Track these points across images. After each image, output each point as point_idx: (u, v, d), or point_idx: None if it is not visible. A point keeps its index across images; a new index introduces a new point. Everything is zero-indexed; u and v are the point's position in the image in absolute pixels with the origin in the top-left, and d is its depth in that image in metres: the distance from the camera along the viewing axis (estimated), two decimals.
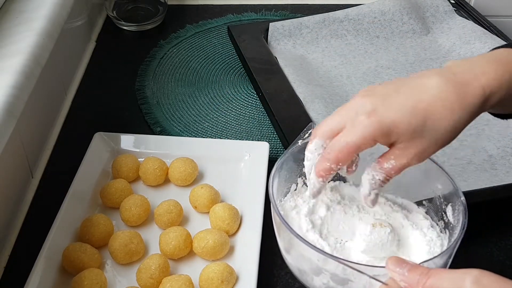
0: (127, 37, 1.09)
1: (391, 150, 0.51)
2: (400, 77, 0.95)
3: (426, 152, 0.51)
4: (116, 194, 0.72)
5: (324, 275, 0.52)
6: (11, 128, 0.62)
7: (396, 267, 0.45)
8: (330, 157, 0.51)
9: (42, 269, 0.63)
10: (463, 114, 0.50)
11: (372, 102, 0.50)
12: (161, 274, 0.63)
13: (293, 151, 0.60)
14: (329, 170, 0.52)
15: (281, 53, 0.98)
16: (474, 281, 0.40)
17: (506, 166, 0.79)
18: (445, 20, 1.05)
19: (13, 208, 0.72)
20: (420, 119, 0.49)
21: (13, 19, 0.74)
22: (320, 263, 0.52)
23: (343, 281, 0.51)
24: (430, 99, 0.50)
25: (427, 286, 0.43)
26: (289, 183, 0.62)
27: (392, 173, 0.52)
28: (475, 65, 0.53)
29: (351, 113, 0.51)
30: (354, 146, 0.50)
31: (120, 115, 0.90)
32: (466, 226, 0.53)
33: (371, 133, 0.50)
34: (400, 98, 0.50)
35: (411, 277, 0.44)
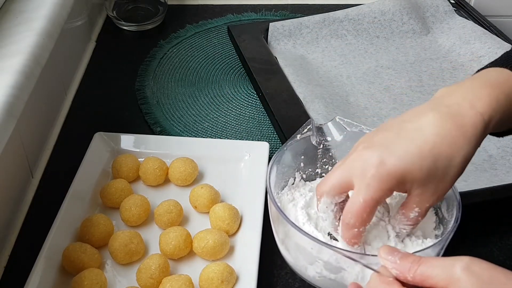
0: (127, 37, 1.09)
1: (411, 199, 0.51)
2: (401, 74, 0.95)
3: (444, 191, 0.51)
4: (116, 194, 0.72)
5: (318, 264, 0.53)
6: (11, 128, 0.62)
7: (388, 255, 0.45)
8: (354, 221, 0.50)
9: (42, 269, 0.62)
10: (469, 146, 0.50)
11: (376, 154, 0.50)
12: (161, 274, 0.63)
13: (292, 146, 0.61)
14: (358, 234, 0.51)
15: (281, 53, 0.98)
16: (464, 267, 0.41)
17: (506, 166, 0.79)
18: (445, 20, 1.05)
19: (13, 208, 0.72)
20: (430, 161, 0.49)
21: (13, 19, 0.74)
22: (314, 251, 0.52)
23: (337, 270, 0.52)
24: (434, 139, 0.49)
25: (418, 273, 0.43)
26: (287, 177, 0.62)
27: (420, 219, 0.52)
28: (466, 92, 0.52)
29: (356, 168, 0.50)
30: (374, 201, 0.49)
31: (120, 115, 0.90)
32: (460, 219, 0.53)
33: (386, 185, 0.49)
34: (403, 144, 0.50)
35: (403, 264, 0.44)
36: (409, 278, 0.43)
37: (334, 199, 0.53)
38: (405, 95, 0.92)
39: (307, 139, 0.62)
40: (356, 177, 0.50)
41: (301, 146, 0.61)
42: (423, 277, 0.43)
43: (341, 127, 0.62)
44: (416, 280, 0.43)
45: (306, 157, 0.62)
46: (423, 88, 0.93)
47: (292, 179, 0.62)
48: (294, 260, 0.56)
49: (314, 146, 0.62)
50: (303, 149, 0.62)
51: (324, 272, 0.53)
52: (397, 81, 0.95)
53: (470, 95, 0.52)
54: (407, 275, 0.44)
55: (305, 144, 0.62)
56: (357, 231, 0.51)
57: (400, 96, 0.92)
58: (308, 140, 0.62)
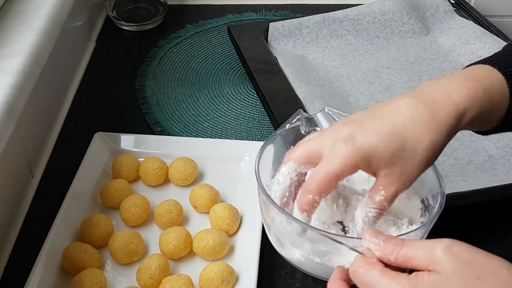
0: (127, 37, 1.09)
1: (378, 181, 0.52)
2: (401, 74, 0.95)
3: (410, 175, 0.51)
4: (116, 194, 0.72)
5: (304, 248, 0.53)
6: (11, 128, 0.62)
7: (372, 238, 0.46)
8: (311, 188, 0.51)
9: (42, 269, 0.62)
10: (440, 133, 0.51)
11: (349, 129, 0.51)
12: (161, 274, 0.63)
13: (281, 134, 0.61)
14: (313, 202, 0.52)
15: (281, 53, 0.98)
16: (445, 248, 0.42)
17: (506, 166, 0.79)
18: (445, 20, 1.05)
19: (13, 208, 0.72)
20: (398, 141, 0.50)
21: (13, 19, 0.74)
22: (300, 235, 0.52)
23: (323, 253, 0.52)
24: (405, 120, 0.50)
25: (400, 254, 0.44)
26: (276, 166, 0.62)
27: (385, 204, 0.52)
28: (446, 83, 0.53)
29: (327, 140, 0.51)
30: (335, 174, 0.50)
31: (120, 115, 0.90)
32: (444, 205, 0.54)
33: (351, 160, 0.50)
34: (375, 122, 0.51)
35: (386, 246, 0.45)
36: (392, 259, 0.45)
37: (299, 167, 0.54)
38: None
39: (296, 129, 0.62)
40: (326, 147, 0.51)
41: (290, 135, 0.62)
42: (406, 258, 0.44)
43: (330, 118, 0.63)
44: (399, 261, 0.44)
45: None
46: None
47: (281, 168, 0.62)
48: (281, 244, 0.56)
49: (303, 136, 0.62)
50: (292, 138, 0.62)
51: (311, 256, 0.53)
52: (397, 81, 0.95)
53: (449, 87, 0.52)
54: (390, 256, 0.45)
55: (294, 133, 0.62)
56: (311, 198, 0.51)
57: None
58: (297, 130, 0.62)
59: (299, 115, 0.62)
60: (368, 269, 0.45)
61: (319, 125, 0.63)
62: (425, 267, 0.43)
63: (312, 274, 0.56)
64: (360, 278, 0.45)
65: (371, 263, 0.45)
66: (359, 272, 0.46)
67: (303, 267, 0.56)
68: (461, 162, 0.79)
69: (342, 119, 0.62)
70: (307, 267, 0.56)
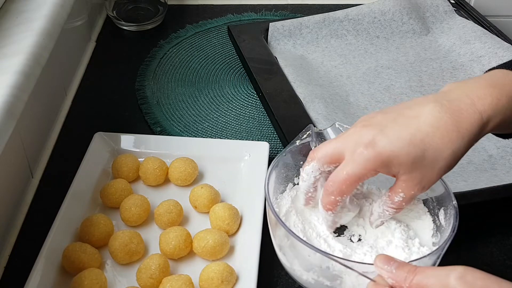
0: (127, 37, 1.09)
1: (398, 183, 0.52)
2: (401, 74, 0.96)
3: (429, 182, 0.51)
4: (116, 194, 0.72)
5: (314, 271, 0.53)
6: (11, 128, 0.62)
7: (384, 265, 0.46)
8: (333, 189, 0.52)
9: (42, 269, 0.62)
10: (462, 142, 0.51)
11: (371, 133, 0.51)
12: (161, 274, 0.63)
13: (291, 151, 0.61)
14: (335, 202, 0.53)
15: (281, 53, 0.98)
16: (458, 277, 0.42)
17: (506, 166, 0.79)
18: (445, 20, 1.05)
19: (13, 208, 0.72)
20: (419, 149, 0.50)
21: (13, 19, 0.74)
22: (311, 258, 0.52)
23: (333, 277, 0.52)
24: (427, 129, 0.50)
25: (413, 283, 0.44)
26: (286, 182, 0.62)
27: (403, 204, 0.53)
28: (470, 90, 0.53)
29: (350, 142, 0.52)
30: (356, 177, 0.51)
31: (120, 115, 0.90)
32: (457, 229, 0.53)
33: (372, 165, 0.50)
34: (397, 128, 0.51)
35: (399, 274, 0.45)
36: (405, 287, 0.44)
37: (322, 167, 0.54)
38: (405, 95, 0.92)
39: (307, 145, 0.62)
40: (347, 150, 0.52)
41: (300, 152, 0.62)
42: (419, 287, 0.43)
43: (340, 133, 0.63)
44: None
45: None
46: (423, 88, 0.93)
47: (291, 184, 0.62)
48: (291, 265, 0.56)
49: None
50: (303, 155, 0.62)
51: (321, 279, 0.53)
52: (397, 81, 0.95)
53: (473, 93, 0.52)
54: (403, 284, 0.44)
55: (304, 150, 0.62)
56: (334, 199, 0.52)
57: (400, 96, 0.92)
58: (308, 146, 0.62)
59: (309, 131, 0.62)
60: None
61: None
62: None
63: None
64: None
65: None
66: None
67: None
68: (461, 162, 0.78)
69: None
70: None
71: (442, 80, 0.95)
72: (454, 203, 0.55)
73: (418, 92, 0.92)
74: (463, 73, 0.96)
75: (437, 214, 0.58)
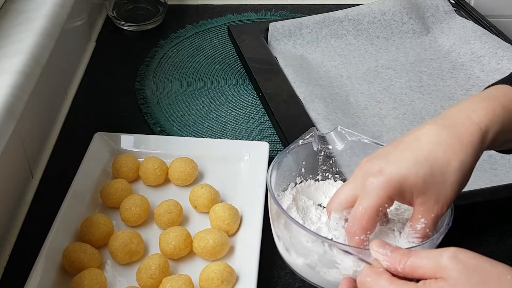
0: (127, 37, 1.09)
1: (416, 209, 0.52)
2: (401, 74, 0.96)
3: (446, 199, 0.51)
4: (116, 194, 0.72)
5: (313, 258, 0.53)
6: (11, 128, 0.62)
7: (379, 248, 0.47)
8: (355, 229, 0.52)
9: (42, 269, 0.62)
10: (466, 153, 0.51)
11: (377, 163, 0.51)
12: (161, 274, 0.63)
13: (293, 150, 0.61)
14: (362, 242, 0.52)
15: (281, 53, 0.98)
16: (451, 256, 0.43)
17: (506, 166, 0.79)
18: (445, 20, 1.05)
19: (13, 208, 0.72)
20: (426, 167, 0.50)
21: (13, 19, 0.74)
22: (309, 244, 0.53)
23: (330, 264, 0.52)
24: (429, 147, 0.51)
25: (407, 264, 0.45)
26: (288, 181, 0.62)
27: (427, 231, 0.52)
28: (464, 106, 0.54)
29: (359, 180, 0.52)
30: (372, 209, 0.51)
31: (120, 115, 0.90)
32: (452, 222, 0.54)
33: (384, 192, 0.50)
34: (400, 153, 0.51)
35: (393, 256, 0.46)
36: (399, 269, 0.45)
37: (342, 215, 0.54)
38: (405, 95, 0.92)
39: (309, 145, 0.62)
40: (358, 188, 0.52)
41: (302, 152, 0.62)
42: (412, 268, 0.45)
43: (342, 136, 0.63)
44: (406, 271, 0.45)
45: (307, 163, 0.63)
46: (423, 88, 0.93)
47: (293, 183, 0.62)
48: (289, 253, 0.56)
49: (315, 152, 0.63)
50: (305, 155, 0.63)
51: (318, 267, 0.53)
52: (397, 81, 0.95)
53: (467, 109, 0.53)
54: (397, 266, 0.46)
55: (306, 150, 0.63)
56: (358, 239, 0.52)
57: (400, 96, 0.92)
58: (310, 146, 0.62)
59: (312, 132, 0.62)
60: (376, 278, 0.46)
61: (331, 143, 0.64)
62: (432, 275, 0.43)
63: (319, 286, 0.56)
64: (368, 287, 0.46)
65: (378, 272, 0.46)
66: (367, 281, 0.46)
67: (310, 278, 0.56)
68: None
69: (353, 138, 0.63)
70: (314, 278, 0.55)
71: (442, 80, 0.95)
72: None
73: (418, 92, 0.92)
74: (463, 73, 0.96)
75: None
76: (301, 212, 0.59)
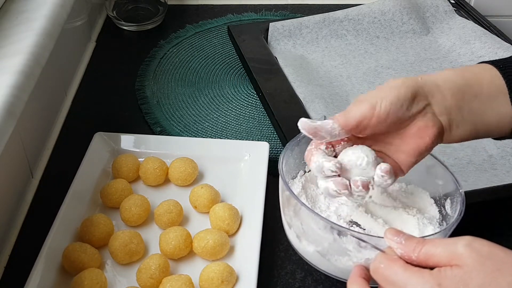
0: (127, 37, 1.09)
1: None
2: (401, 74, 0.95)
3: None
4: (116, 194, 0.72)
5: (324, 246, 0.53)
6: (11, 128, 0.62)
7: (394, 236, 0.47)
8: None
9: (42, 269, 0.62)
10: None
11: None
12: (161, 274, 0.63)
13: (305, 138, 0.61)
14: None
15: (281, 53, 0.98)
16: (466, 244, 0.43)
17: (506, 166, 0.79)
18: (445, 20, 1.05)
19: (13, 208, 0.72)
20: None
21: (13, 19, 0.74)
22: (321, 231, 0.53)
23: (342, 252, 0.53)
24: None
25: (422, 252, 0.45)
26: (297, 169, 0.63)
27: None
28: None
29: None
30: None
31: (120, 115, 0.90)
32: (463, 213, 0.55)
33: None
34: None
35: (408, 244, 0.46)
36: (414, 257, 0.45)
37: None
38: None
39: None
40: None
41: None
42: (427, 256, 0.45)
43: None
44: (420, 259, 0.45)
45: None
46: None
47: (302, 171, 0.64)
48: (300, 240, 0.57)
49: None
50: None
51: (329, 255, 0.54)
52: None
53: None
54: (411, 254, 0.46)
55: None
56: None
57: None
58: None
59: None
60: (390, 264, 0.46)
61: None
62: (446, 263, 0.44)
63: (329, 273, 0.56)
64: (382, 273, 0.46)
65: (393, 259, 0.46)
66: (381, 268, 0.46)
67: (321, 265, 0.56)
68: (461, 162, 0.79)
69: None
70: (324, 266, 0.56)
71: None
72: (461, 191, 0.57)
73: None
74: None
75: (443, 205, 0.59)
76: (310, 200, 0.60)
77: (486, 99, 0.55)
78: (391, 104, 0.53)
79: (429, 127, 0.53)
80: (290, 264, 0.68)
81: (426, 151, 0.55)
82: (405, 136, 0.55)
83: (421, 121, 0.54)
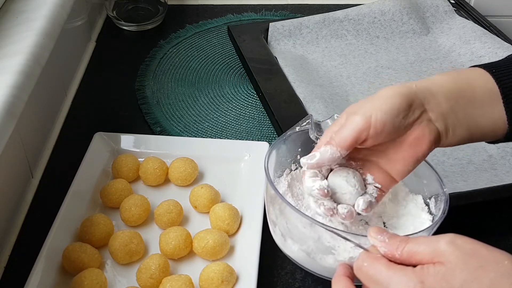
0: (127, 37, 1.09)
1: None
2: (401, 74, 0.95)
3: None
4: (116, 194, 0.72)
5: (308, 244, 0.53)
6: (11, 128, 0.62)
7: (377, 235, 0.47)
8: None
9: (42, 269, 0.63)
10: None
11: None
12: (161, 274, 0.63)
13: (290, 137, 0.62)
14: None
15: (281, 53, 0.98)
16: (448, 241, 0.44)
17: (506, 166, 0.79)
18: (445, 20, 1.05)
19: (13, 208, 0.72)
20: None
21: (13, 19, 0.74)
22: (306, 230, 0.53)
23: (326, 250, 0.53)
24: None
25: (405, 250, 0.45)
26: (283, 167, 0.63)
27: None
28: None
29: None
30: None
31: (120, 115, 0.90)
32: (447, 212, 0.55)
33: None
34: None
35: (391, 243, 0.46)
36: (397, 255, 0.46)
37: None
38: None
39: (306, 132, 0.63)
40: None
41: (299, 139, 0.63)
42: (410, 254, 0.45)
43: None
44: (404, 257, 0.45)
45: (303, 150, 0.63)
46: None
47: (288, 169, 0.63)
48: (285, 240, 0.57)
49: (312, 140, 0.63)
50: (301, 142, 0.63)
51: (314, 253, 0.54)
52: (397, 81, 0.95)
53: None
54: (395, 252, 0.46)
55: (302, 137, 0.63)
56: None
57: None
58: (306, 134, 0.63)
59: (309, 119, 0.63)
60: (373, 262, 0.46)
61: None
62: (429, 261, 0.44)
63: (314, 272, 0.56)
64: (365, 272, 0.46)
65: (376, 257, 0.46)
66: (364, 266, 0.46)
67: (305, 264, 0.56)
68: (461, 162, 0.79)
69: None
70: (309, 265, 0.56)
71: None
72: (445, 190, 0.57)
73: None
74: None
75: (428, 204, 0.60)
76: (296, 198, 0.60)
77: (479, 104, 0.55)
78: (386, 114, 0.53)
79: (425, 134, 0.54)
80: (290, 264, 0.68)
81: (422, 158, 0.55)
82: (402, 145, 0.55)
83: (418, 129, 0.54)
